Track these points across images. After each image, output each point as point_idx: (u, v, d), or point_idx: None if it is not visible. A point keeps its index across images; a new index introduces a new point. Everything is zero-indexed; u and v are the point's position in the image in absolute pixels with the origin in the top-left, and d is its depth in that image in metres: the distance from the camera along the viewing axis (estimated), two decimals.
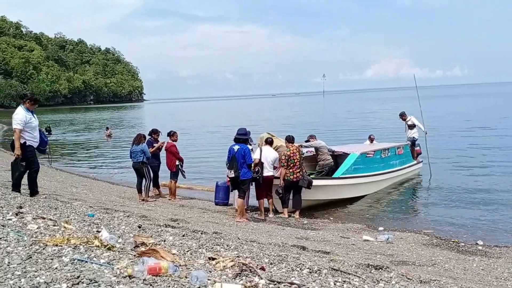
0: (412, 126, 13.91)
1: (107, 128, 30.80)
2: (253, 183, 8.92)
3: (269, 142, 9.38)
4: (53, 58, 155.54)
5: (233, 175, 8.27)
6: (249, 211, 9.18)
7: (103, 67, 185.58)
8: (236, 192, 9.46)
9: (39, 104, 7.41)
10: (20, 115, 6.77)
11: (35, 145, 6.94)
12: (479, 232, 8.17)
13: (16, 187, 6.95)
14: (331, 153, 11.07)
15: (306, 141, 11.01)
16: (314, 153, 11.15)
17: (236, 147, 8.29)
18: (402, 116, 14.21)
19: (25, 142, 6.79)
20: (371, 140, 13.79)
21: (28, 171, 6.99)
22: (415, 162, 13.55)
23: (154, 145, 10.43)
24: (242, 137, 8.41)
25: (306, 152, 10.96)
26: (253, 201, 9.78)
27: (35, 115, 7.04)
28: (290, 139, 9.45)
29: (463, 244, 7.40)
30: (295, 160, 9.13)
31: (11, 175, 7.16)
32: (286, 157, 9.10)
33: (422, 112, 13.79)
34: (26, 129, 6.79)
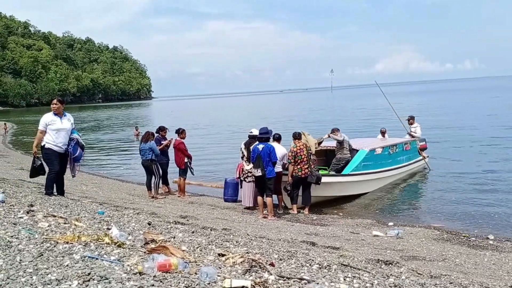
0: (411, 134, 13.72)
1: (136, 128, 30.64)
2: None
3: (277, 138, 9.37)
4: (62, 57, 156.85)
5: (259, 174, 8.41)
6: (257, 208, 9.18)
7: (111, 65, 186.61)
8: (244, 190, 9.49)
9: (47, 104, 7.40)
10: (43, 117, 7.00)
11: (56, 148, 6.90)
12: (490, 227, 8.11)
13: (47, 189, 6.97)
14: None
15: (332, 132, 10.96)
16: (335, 147, 11.05)
17: (260, 146, 8.46)
18: (410, 119, 14.06)
19: (44, 144, 6.91)
20: (383, 133, 13.70)
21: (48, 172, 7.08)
22: (421, 157, 13.47)
23: (162, 142, 10.45)
24: (265, 136, 8.63)
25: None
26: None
27: (64, 119, 6.99)
28: (296, 136, 9.44)
29: (474, 238, 7.34)
30: (302, 156, 9.11)
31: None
32: (293, 154, 9.09)
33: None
34: (48, 131, 6.90)
